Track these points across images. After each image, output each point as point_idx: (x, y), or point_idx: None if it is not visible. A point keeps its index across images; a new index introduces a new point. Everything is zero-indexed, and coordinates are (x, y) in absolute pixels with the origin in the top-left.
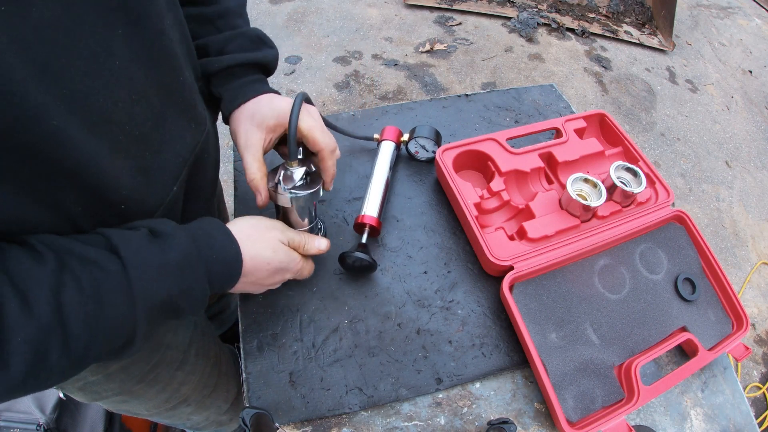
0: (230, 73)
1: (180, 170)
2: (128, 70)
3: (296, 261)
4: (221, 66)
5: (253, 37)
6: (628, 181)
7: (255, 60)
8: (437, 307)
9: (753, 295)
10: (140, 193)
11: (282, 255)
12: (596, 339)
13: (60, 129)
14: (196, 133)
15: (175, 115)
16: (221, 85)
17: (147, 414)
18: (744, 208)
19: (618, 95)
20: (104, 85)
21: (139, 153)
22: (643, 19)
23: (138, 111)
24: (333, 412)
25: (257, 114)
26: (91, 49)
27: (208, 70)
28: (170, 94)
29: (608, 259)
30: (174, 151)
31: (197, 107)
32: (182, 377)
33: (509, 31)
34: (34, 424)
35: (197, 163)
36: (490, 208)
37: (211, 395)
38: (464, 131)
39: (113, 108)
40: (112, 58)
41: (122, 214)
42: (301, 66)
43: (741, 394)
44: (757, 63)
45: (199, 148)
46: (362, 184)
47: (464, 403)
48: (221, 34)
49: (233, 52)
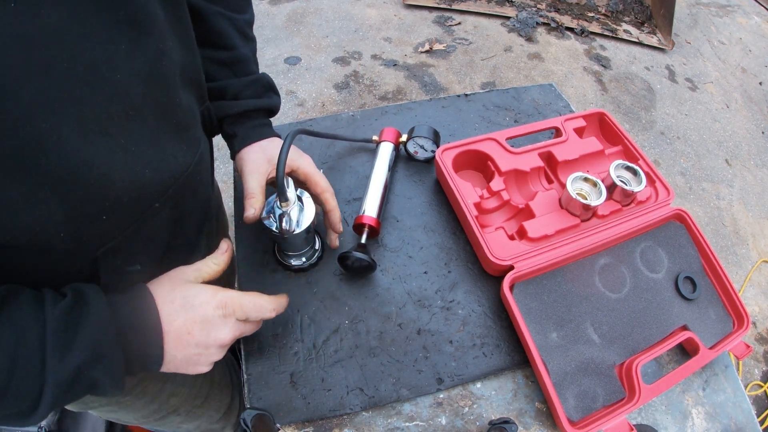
0: (244, 115)
1: (167, 189)
2: (127, 85)
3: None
4: (239, 110)
5: (265, 85)
6: (628, 180)
7: (266, 106)
8: (438, 307)
9: (754, 293)
10: (126, 206)
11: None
12: (597, 338)
13: (48, 132)
14: (188, 155)
15: (170, 134)
16: (235, 125)
17: (136, 423)
18: (744, 206)
19: (617, 94)
20: (102, 97)
21: (138, 169)
22: (642, 18)
23: (133, 127)
24: (334, 412)
25: (267, 150)
26: (94, 58)
27: (225, 112)
28: (165, 114)
29: (608, 258)
30: (169, 170)
31: (191, 129)
32: (171, 389)
33: (508, 31)
34: (35, 426)
35: (187, 184)
36: (490, 208)
37: (203, 405)
38: (464, 131)
39: (108, 121)
40: (113, 71)
41: (101, 226)
42: (300, 67)
43: (742, 393)
44: (756, 61)
45: (190, 170)
46: (362, 185)
47: (465, 403)
48: (238, 80)
49: (248, 98)
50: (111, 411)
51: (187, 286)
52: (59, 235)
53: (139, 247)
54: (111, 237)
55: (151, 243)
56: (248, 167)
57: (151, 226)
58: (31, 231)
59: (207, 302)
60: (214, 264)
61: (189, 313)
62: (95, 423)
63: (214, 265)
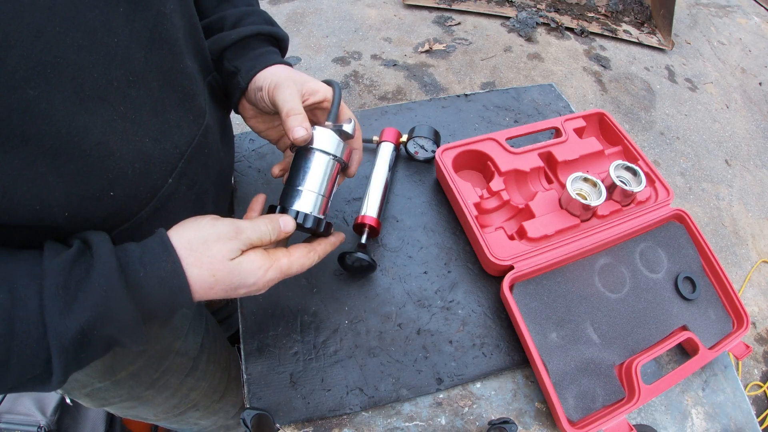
0: (246, 45)
1: (177, 162)
2: (127, 49)
3: (259, 271)
4: (238, 37)
5: (266, 17)
6: (628, 180)
7: (270, 32)
8: (437, 307)
9: (753, 293)
10: (132, 181)
11: (234, 273)
12: (597, 338)
13: (36, 100)
14: (194, 125)
15: (174, 103)
16: (237, 58)
17: (154, 419)
18: (744, 206)
19: (617, 94)
20: (99, 62)
21: (138, 138)
22: (642, 18)
23: (134, 94)
24: (334, 412)
25: (295, 74)
26: (89, 22)
27: (223, 42)
28: (169, 81)
29: (608, 259)
30: (172, 140)
31: (197, 98)
32: (192, 383)
33: (508, 31)
34: (35, 426)
35: (196, 158)
36: (490, 208)
37: (221, 400)
38: (464, 131)
39: (107, 86)
40: (111, 35)
41: (109, 203)
42: (300, 67)
43: (742, 393)
44: (756, 61)
45: (197, 141)
46: (362, 185)
47: (465, 403)
48: (237, 9)
49: (249, 25)
50: (130, 407)
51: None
52: (63, 214)
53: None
54: (124, 218)
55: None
56: (282, 77)
57: (171, 207)
58: (31, 208)
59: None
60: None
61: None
62: (95, 422)
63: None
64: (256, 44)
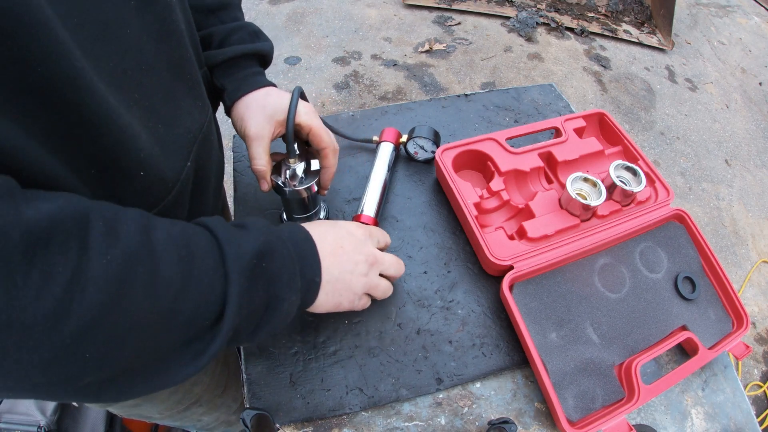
0: (233, 64)
1: (191, 146)
2: (139, 41)
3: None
4: (225, 57)
5: (251, 31)
6: (628, 180)
7: (255, 50)
8: (437, 307)
9: (753, 293)
10: (158, 162)
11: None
12: (596, 338)
13: (82, 72)
14: (202, 112)
15: (184, 91)
16: (224, 77)
17: (159, 417)
18: (744, 206)
19: (617, 94)
20: (114, 52)
21: (152, 124)
22: (642, 18)
23: (147, 82)
24: (333, 412)
25: (269, 107)
26: (104, 15)
27: (212, 61)
28: (178, 70)
29: (608, 259)
30: (185, 126)
31: (201, 87)
32: (195, 377)
33: (508, 31)
34: (35, 426)
35: (204, 145)
36: (490, 208)
37: (222, 395)
38: (464, 131)
39: (122, 76)
40: (124, 28)
41: (140, 184)
42: (300, 67)
43: (742, 393)
44: (756, 61)
45: (205, 128)
46: (361, 185)
47: (465, 403)
48: (225, 25)
49: (235, 44)
50: (135, 405)
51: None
52: (96, 188)
53: None
54: (153, 201)
55: (177, 213)
56: (251, 130)
57: (188, 192)
58: (67, 180)
59: (350, 223)
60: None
61: (336, 229)
62: (95, 422)
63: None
64: (242, 63)
